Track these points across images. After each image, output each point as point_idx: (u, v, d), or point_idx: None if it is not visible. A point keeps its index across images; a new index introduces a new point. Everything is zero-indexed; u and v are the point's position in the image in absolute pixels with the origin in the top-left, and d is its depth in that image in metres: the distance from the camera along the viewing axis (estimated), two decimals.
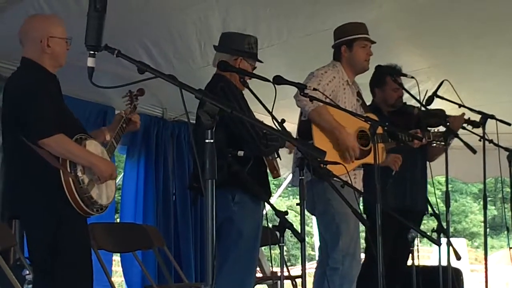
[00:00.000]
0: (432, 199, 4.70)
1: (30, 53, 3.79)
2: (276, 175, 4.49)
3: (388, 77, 5.22)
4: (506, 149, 5.21)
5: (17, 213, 3.83)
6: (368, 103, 5.14)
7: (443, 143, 5.00)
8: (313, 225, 9.45)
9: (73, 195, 3.57)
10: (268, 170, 4.44)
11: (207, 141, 2.35)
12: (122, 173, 6.83)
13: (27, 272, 4.62)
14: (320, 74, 4.71)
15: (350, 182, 4.23)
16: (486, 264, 5.29)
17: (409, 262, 4.71)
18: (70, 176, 3.57)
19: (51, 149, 3.57)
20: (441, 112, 5.15)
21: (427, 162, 5.55)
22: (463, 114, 5.18)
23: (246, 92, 4.31)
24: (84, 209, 3.63)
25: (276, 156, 4.50)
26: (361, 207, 5.07)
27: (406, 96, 5.37)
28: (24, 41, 3.83)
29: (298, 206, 4.03)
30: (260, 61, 4.48)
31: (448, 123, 5.05)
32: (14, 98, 3.68)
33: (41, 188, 3.60)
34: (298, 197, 4.07)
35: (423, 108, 4.96)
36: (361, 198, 4.94)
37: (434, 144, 5.10)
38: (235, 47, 4.42)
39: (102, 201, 3.74)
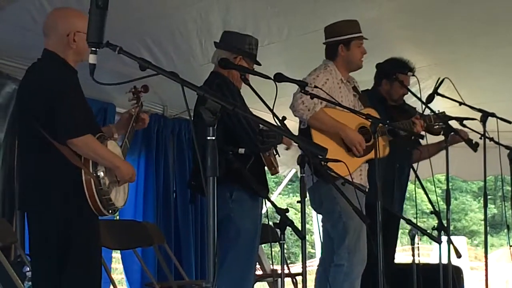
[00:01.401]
0: (432, 197, 4.69)
1: (54, 46, 3.65)
2: (274, 171, 4.50)
3: (399, 74, 5.21)
4: (506, 147, 5.21)
5: (27, 208, 3.72)
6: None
7: (443, 125, 5.01)
8: (313, 223, 9.46)
9: (92, 195, 3.52)
10: (266, 167, 4.46)
11: (208, 138, 2.35)
12: None
13: (28, 269, 4.62)
14: (312, 79, 4.70)
15: (351, 178, 4.23)
16: (486, 262, 5.29)
17: (410, 260, 4.72)
18: (91, 177, 3.52)
19: (78, 149, 3.49)
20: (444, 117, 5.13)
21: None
22: (465, 132, 5.16)
23: (247, 90, 4.32)
24: (100, 210, 3.58)
25: (275, 154, 4.52)
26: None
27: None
28: (48, 32, 3.68)
29: (299, 204, 4.04)
30: (259, 64, 4.49)
31: (452, 132, 5.02)
32: (38, 93, 3.54)
33: (57, 186, 3.53)
34: (298, 194, 4.07)
35: (428, 111, 4.95)
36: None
37: (436, 126, 5.10)
38: (236, 45, 4.45)
39: (119, 203, 3.70)
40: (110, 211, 3.66)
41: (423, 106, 4.94)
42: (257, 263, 6.21)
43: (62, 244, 3.54)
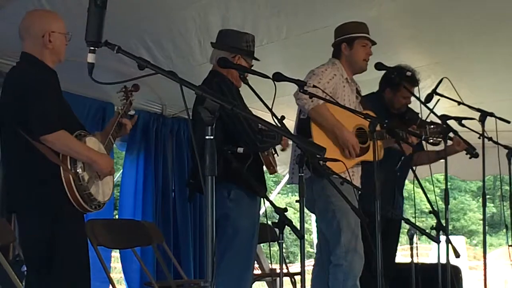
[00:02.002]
0: (431, 197, 4.69)
1: (31, 48, 3.74)
2: (273, 171, 4.51)
3: (404, 84, 5.18)
4: (505, 146, 5.21)
5: (14, 209, 3.80)
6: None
7: (440, 139, 5.00)
8: (312, 223, 9.45)
9: (72, 192, 3.56)
10: (264, 167, 4.45)
11: (207, 137, 2.35)
12: (121, 170, 6.83)
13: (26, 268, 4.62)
14: (320, 72, 4.72)
15: (349, 179, 4.23)
16: (485, 261, 5.29)
17: (408, 260, 4.71)
18: (70, 173, 3.56)
19: (53, 145, 3.55)
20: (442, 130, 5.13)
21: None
22: (464, 143, 5.14)
23: (245, 89, 4.32)
24: (83, 206, 3.63)
25: (274, 153, 4.52)
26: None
27: None
28: (24, 36, 3.78)
29: (297, 203, 4.03)
30: (257, 59, 4.48)
31: (450, 138, 5.02)
32: (16, 94, 3.62)
33: (39, 184, 3.58)
34: (297, 194, 4.06)
35: (425, 112, 4.94)
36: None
37: (432, 140, 5.10)
38: (233, 44, 4.44)
39: (101, 198, 3.74)
40: (94, 207, 3.70)
41: (422, 106, 4.93)
42: (256, 262, 6.21)
43: (48, 243, 3.57)
